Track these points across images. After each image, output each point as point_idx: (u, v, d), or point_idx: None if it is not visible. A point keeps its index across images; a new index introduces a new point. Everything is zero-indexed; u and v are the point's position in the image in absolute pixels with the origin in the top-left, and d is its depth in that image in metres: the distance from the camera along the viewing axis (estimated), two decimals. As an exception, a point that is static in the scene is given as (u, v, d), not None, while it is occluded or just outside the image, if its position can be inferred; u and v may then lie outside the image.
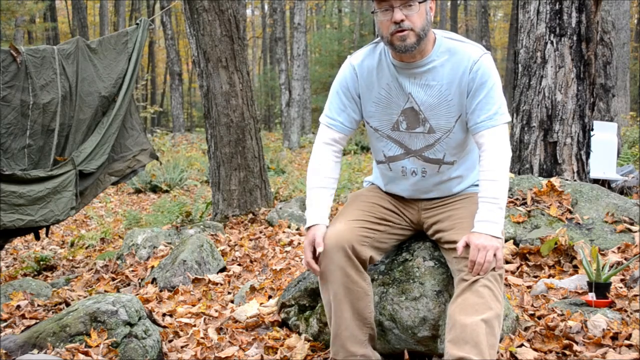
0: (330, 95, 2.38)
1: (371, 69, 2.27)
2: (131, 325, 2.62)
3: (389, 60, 2.23)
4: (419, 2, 2.10)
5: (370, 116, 2.32)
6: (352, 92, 2.32)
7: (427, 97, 2.21)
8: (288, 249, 4.65)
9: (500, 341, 2.32)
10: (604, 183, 5.33)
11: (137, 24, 4.96)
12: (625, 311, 2.64)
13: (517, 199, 3.88)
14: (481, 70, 2.16)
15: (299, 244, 4.72)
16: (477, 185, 2.36)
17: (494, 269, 2.10)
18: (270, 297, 3.39)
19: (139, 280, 4.25)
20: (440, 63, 2.19)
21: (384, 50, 2.26)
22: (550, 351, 2.39)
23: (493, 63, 2.20)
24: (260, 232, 5.33)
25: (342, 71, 2.35)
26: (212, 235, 5.22)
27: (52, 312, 3.55)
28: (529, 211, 3.75)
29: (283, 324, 2.91)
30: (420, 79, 2.20)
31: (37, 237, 4.59)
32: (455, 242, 2.19)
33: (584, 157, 4.54)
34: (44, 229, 4.59)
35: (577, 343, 2.40)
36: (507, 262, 3.42)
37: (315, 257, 2.22)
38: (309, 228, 2.25)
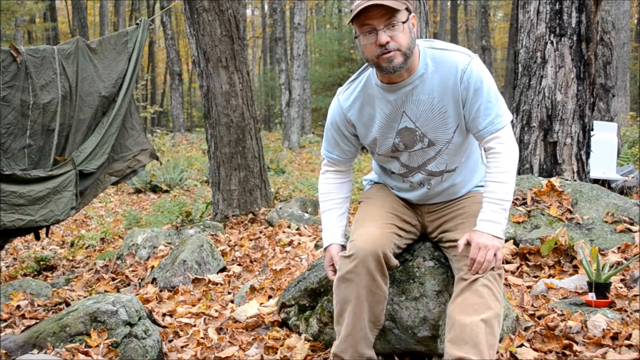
0: (325, 129, 2.42)
1: (361, 102, 2.26)
2: (131, 325, 2.62)
3: (377, 84, 2.20)
4: (403, 22, 2.05)
5: (371, 144, 2.32)
6: (344, 130, 2.33)
7: (420, 111, 2.19)
8: (288, 249, 4.65)
9: (500, 341, 2.32)
10: (604, 183, 5.33)
11: (137, 24, 4.96)
12: (625, 311, 2.64)
13: (517, 199, 3.88)
14: (473, 77, 2.12)
15: (299, 244, 4.72)
16: (480, 185, 2.37)
17: (492, 269, 2.11)
18: (270, 297, 3.39)
19: (139, 280, 4.25)
20: (429, 75, 2.15)
21: (371, 76, 2.22)
22: (550, 351, 2.39)
23: (482, 65, 2.16)
24: (260, 232, 5.33)
25: (331, 109, 2.35)
26: (212, 235, 5.21)
27: (52, 312, 3.55)
28: (529, 211, 3.75)
29: (283, 324, 2.91)
30: (411, 95, 2.17)
31: (37, 237, 4.59)
32: (456, 240, 2.19)
33: (584, 157, 4.54)
34: (44, 229, 4.59)
35: (577, 343, 2.40)
36: (507, 262, 3.42)
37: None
38: (325, 249, 2.39)
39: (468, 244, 2.13)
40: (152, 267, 4.39)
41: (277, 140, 19.18)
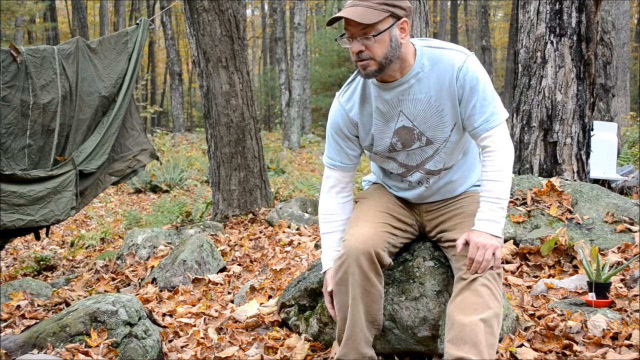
0: (326, 136, 2.40)
1: (361, 101, 2.26)
2: (131, 325, 2.62)
3: (374, 83, 2.21)
4: (375, 35, 2.04)
5: (369, 144, 2.32)
6: (346, 131, 2.32)
7: (418, 110, 2.19)
8: (288, 249, 4.65)
9: (500, 341, 2.32)
10: (604, 183, 5.33)
11: (137, 24, 4.96)
12: (625, 311, 2.64)
13: (517, 199, 3.88)
14: (469, 74, 2.12)
15: (299, 244, 4.72)
16: (478, 185, 2.37)
17: (492, 268, 2.11)
18: (270, 297, 3.39)
19: (139, 280, 4.25)
20: (425, 74, 2.16)
21: None
22: (550, 351, 2.39)
23: (478, 63, 2.17)
24: (260, 232, 5.33)
25: (332, 111, 2.34)
26: (212, 235, 5.21)
27: (52, 312, 3.55)
28: (529, 211, 3.75)
29: (283, 324, 2.91)
30: (407, 94, 2.18)
31: (37, 237, 4.59)
32: (455, 240, 2.19)
33: (584, 157, 4.54)
34: (44, 229, 4.59)
35: (577, 343, 2.40)
36: (507, 262, 3.42)
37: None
38: (324, 273, 2.39)
39: (467, 243, 2.13)
40: (152, 267, 4.39)
41: (277, 140, 19.17)
